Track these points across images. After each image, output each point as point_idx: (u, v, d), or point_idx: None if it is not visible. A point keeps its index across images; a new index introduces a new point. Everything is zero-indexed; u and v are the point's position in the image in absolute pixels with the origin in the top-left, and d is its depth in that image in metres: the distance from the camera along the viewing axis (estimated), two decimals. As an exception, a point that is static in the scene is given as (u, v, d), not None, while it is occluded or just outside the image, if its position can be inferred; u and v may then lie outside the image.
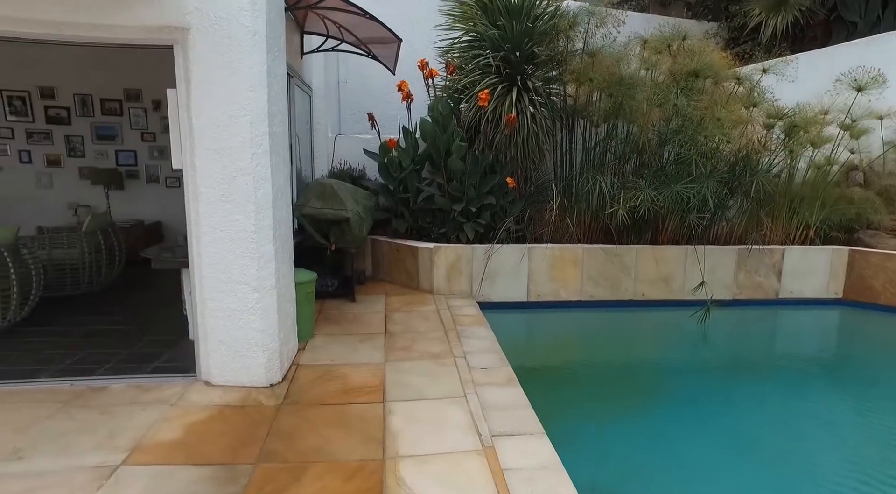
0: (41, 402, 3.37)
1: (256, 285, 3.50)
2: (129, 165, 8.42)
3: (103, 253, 6.11)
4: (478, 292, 6.12)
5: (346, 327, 4.91)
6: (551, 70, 6.66)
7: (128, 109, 8.32)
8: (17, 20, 3.17)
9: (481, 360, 4.19)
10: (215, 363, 3.59)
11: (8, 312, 4.80)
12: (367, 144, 6.97)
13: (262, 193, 3.45)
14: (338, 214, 5.22)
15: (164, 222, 8.53)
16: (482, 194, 6.28)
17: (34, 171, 8.28)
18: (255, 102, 3.36)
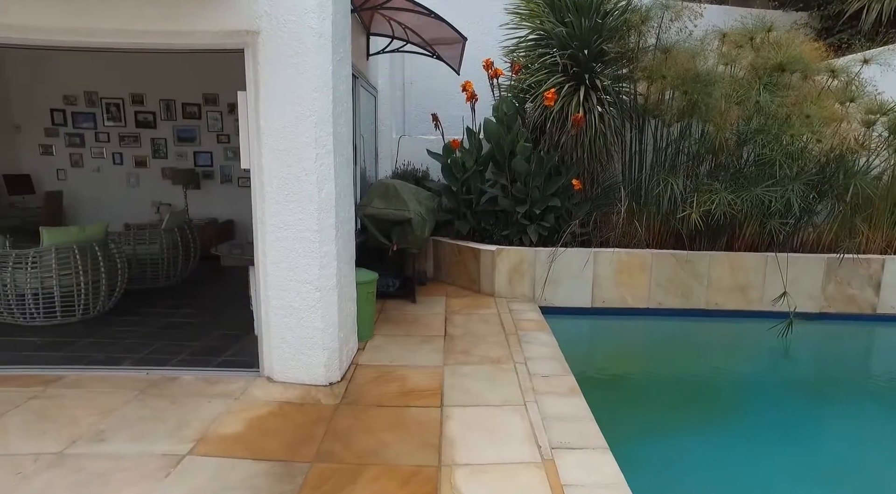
0: (121, 388, 3.56)
1: (318, 284, 3.54)
2: (206, 166, 8.86)
3: (180, 249, 6.44)
4: (540, 297, 5.96)
5: (405, 328, 4.91)
6: (621, 68, 6.40)
7: (206, 112, 8.75)
8: (116, 31, 3.36)
9: (543, 367, 4.06)
10: (277, 359, 3.66)
11: (98, 302, 5.15)
12: (431, 145, 6.96)
13: (326, 193, 3.49)
14: (400, 214, 5.23)
15: (235, 220, 8.90)
16: (546, 195, 6.11)
17: (124, 171, 8.88)
18: (320, 103, 3.40)
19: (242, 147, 3.56)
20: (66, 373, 3.79)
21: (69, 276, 4.90)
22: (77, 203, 8.89)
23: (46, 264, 4.81)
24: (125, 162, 8.86)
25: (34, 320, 4.86)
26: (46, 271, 4.80)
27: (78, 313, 5.00)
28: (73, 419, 3.15)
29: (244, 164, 3.58)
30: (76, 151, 8.82)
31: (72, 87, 8.64)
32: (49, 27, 3.36)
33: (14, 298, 4.79)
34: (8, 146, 8.61)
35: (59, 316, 4.91)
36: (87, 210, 8.92)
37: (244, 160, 3.57)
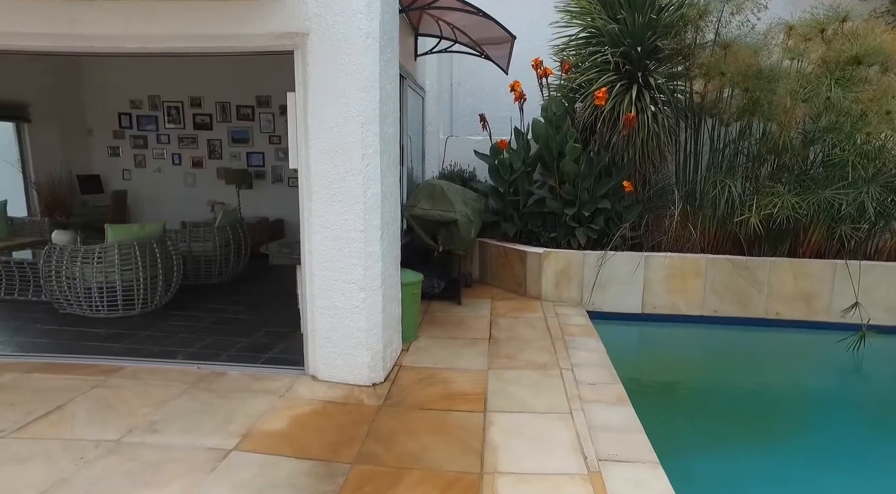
0: (173, 381, 3.67)
1: (363, 284, 3.54)
2: (258, 166, 9.10)
3: (231, 247, 6.63)
4: (588, 301, 5.80)
5: (450, 330, 4.87)
6: (676, 65, 6.15)
7: (259, 114, 9.00)
8: (171, 37, 3.48)
9: (590, 374, 3.93)
10: (322, 359, 3.69)
11: (155, 296, 5.36)
12: (478, 146, 6.91)
13: (372, 193, 3.49)
14: (446, 215, 5.20)
15: (285, 219, 9.10)
16: (596, 197, 5.94)
17: (182, 171, 9.25)
18: (367, 103, 3.40)
19: (291, 147, 3.61)
20: (126, 364, 3.95)
21: (130, 271, 5.12)
22: (139, 202, 9.32)
23: (110, 259, 5.04)
24: (183, 162, 9.23)
25: (99, 312, 5.11)
26: (110, 266, 5.04)
27: (137, 306, 5.21)
28: (129, 409, 3.27)
29: (292, 164, 3.63)
30: (139, 153, 9.26)
31: (137, 91, 9.07)
32: (110, 34, 3.51)
33: (83, 291, 5.04)
34: (82, 149, 9.12)
35: (120, 309, 5.14)
36: (148, 208, 9.35)
37: (292, 160, 3.62)
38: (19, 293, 5.73)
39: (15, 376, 3.78)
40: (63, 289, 5.06)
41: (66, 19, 3.53)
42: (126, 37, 3.53)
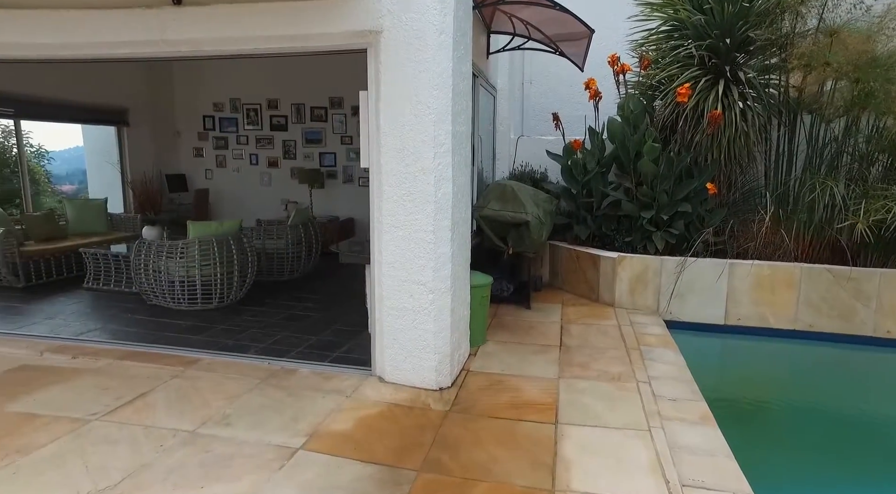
0: (245, 376, 3.75)
1: (432, 286, 3.47)
2: (330, 166, 9.31)
3: (303, 245, 6.78)
4: (665, 310, 5.46)
5: (519, 335, 4.72)
6: (770, 57, 5.67)
7: (331, 115, 9.20)
8: (249, 39, 3.56)
9: (669, 389, 3.66)
10: (389, 360, 3.65)
11: (231, 291, 5.55)
12: (550, 146, 6.70)
13: (443, 192, 3.41)
14: (517, 217, 5.05)
15: (355, 218, 9.25)
16: (676, 200, 5.59)
17: (258, 171, 9.62)
18: (439, 101, 3.32)
19: (363, 146, 3.60)
20: (202, 356, 4.09)
21: (208, 266, 5.33)
22: (219, 200, 9.78)
23: (191, 254, 5.27)
24: (260, 162, 9.59)
25: (180, 304, 5.36)
26: (191, 261, 5.27)
27: (214, 300, 5.42)
28: (204, 402, 3.36)
29: (364, 162, 3.61)
30: (220, 153, 9.72)
31: (220, 95, 9.52)
32: (194, 39, 3.64)
33: (167, 284, 5.31)
34: (171, 150, 9.70)
35: (199, 303, 5.36)
36: (228, 206, 9.79)
37: (364, 159, 3.60)
38: (115, 284, 6.12)
39: (109, 361, 4.01)
40: (150, 281, 5.35)
41: (158, 27, 3.69)
42: (208, 41, 3.64)
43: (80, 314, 5.30)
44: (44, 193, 10.45)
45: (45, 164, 10.94)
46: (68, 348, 4.28)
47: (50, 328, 4.82)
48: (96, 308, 5.50)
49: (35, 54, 4.05)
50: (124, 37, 3.75)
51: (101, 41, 3.81)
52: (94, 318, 5.19)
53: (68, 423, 3.10)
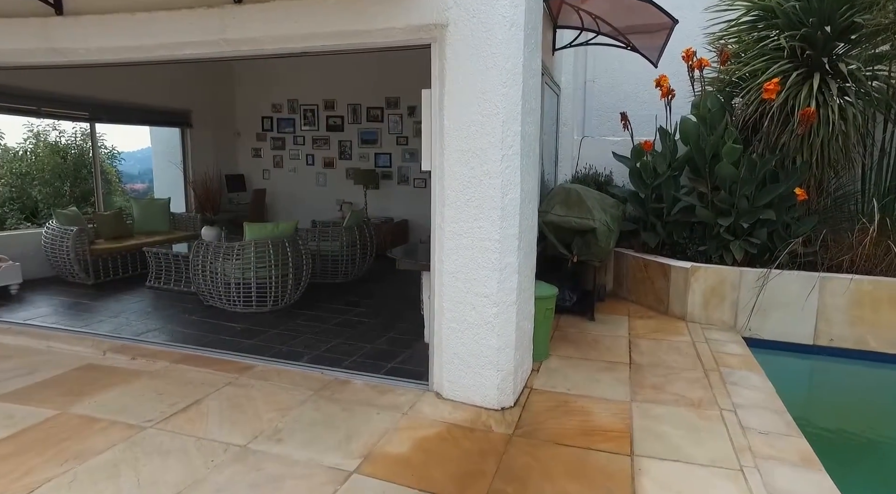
0: (298, 386, 3.63)
1: (496, 298, 3.22)
2: (385, 167, 9.21)
3: (358, 247, 6.68)
4: (744, 326, 5.00)
5: (584, 350, 4.40)
6: (877, 45, 5.09)
7: (387, 115, 9.10)
8: (308, 36, 3.43)
9: (758, 420, 3.27)
10: (448, 375, 3.43)
11: (285, 294, 5.49)
12: (617, 147, 6.32)
13: (510, 198, 3.16)
14: (583, 223, 4.73)
15: (410, 220, 9.12)
16: (758, 207, 5.12)
17: (314, 172, 9.65)
18: (508, 99, 3.07)
19: (424, 147, 3.39)
20: (256, 363, 4.00)
21: (264, 269, 5.28)
22: (276, 200, 9.88)
23: (247, 256, 5.23)
24: (316, 163, 9.62)
25: (236, 306, 5.33)
26: (246, 262, 5.23)
27: (269, 303, 5.37)
28: (256, 412, 3.25)
29: (425, 165, 3.40)
30: (278, 154, 9.81)
31: (278, 96, 9.61)
32: (253, 37, 3.54)
33: (223, 285, 5.30)
34: (231, 150, 9.88)
35: (254, 305, 5.33)
36: (284, 206, 9.88)
37: (426, 161, 3.39)
38: (174, 284, 6.21)
39: (166, 364, 3.99)
40: (207, 282, 5.35)
41: (218, 26, 3.63)
42: (267, 39, 3.54)
43: (141, 312, 5.37)
44: (115, 192, 10.87)
45: (117, 164, 11.40)
46: (128, 348, 4.30)
47: (113, 327, 4.89)
48: (156, 308, 5.56)
49: (115, 58, 4.08)
50: (188, 37, 3.71)
51: (168, 42, 3.79)
52: (154, 317, 5.24)
53: (124, 429, 3.05)
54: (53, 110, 7.01)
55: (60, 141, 10.24)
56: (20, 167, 10.01)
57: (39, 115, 6.90)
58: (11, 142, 10.37)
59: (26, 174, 9.95)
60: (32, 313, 5.33)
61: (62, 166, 9.88)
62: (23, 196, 9.96)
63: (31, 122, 9.99)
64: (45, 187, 9.88)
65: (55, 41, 4.08)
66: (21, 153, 10.10)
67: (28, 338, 4.56)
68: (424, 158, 3.41)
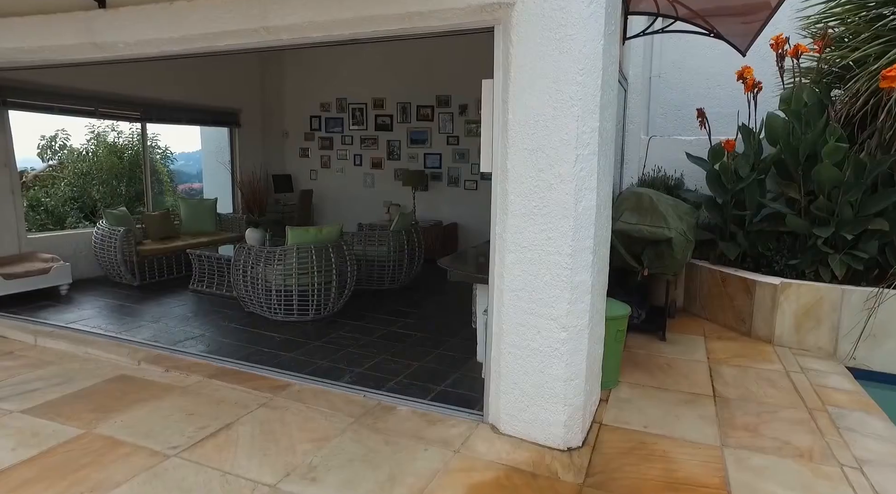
0: (337, 411, 3.27)
1: (565, 322, 2.76)
2: (434, 168, 8.84)
3: (405, 252, 6.32)
4: (848, 355, 4.31)
5: (657, 376, 3.87)
6: None
7: (437, 114, 8.72)
8: (356, 20, 3.07)
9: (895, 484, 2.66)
10: (506, 407, 2.99)
11: (328, 302, 5.18)
12: (690, 147, 5.70)
13: (585, 206, 2.69)
14: (657, 232, 4.19)
15: (459, 223, 8.71)
16: (866, 215, 4.43)
17: (362, 172, 9.38)
18: (586, 90, 2.61)
19: (484, 146, 2.97)
20: (293, 381, 3.68)
21: (306, 275, 4.98)
22: (323, 201, 9.68)
23: (289, 262, 4.95)
24: (363, 163, 9.35)
25: (276, 314, 5.06)
26: (288, 268, 4.95)
27: (311, 311, 5.07)
28: (290, 443, 2.90)
29: (485, 166, 2.98)
30: (325, 154, 9.60)
31: (327, 94, 9.40)
32: (296, 24, 3.21)
33: (263, 292, 5.03)
34: (278, 150, 9.75)
35: (295, 313, 5.04)
36: (330, 207, 9.66)
37: (485, 162, 2.97)
38: (217, 287, 6.02)
39: (199, 379, 3.73)
40: (247, 288, 5.11)
41: (259, 13, 3.32)
42: (311, 25, 3.20)
43: (181, 318, 5.17)
44: (167, 192, 10.98)
45: (171, 164, 11.54)
46: (163, 358, 4.07)
47: (152, 333, 4.70)
48: (197, 313, 5.36)
49: (156, 51, 3.87)
50: (227, 26, 3.42)
51: (207, 32, 3.52)
52: (194, 323, 5.02)
53: (148, 457, 2.76)
54: (108, 111, 7.00)
55: (118, 142, 10.42)
56: (82, 167, 10.24)
57: (96, 115, 6.91)
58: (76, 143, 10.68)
59: (86, 174, 10.17)
60: (77, 315, 5.23)
61: (118, 166, 10.03)
62: (83, 195, 10.19)
63: (93, 123, 10.22)
64: (103, 187, 10.07)
65: (97, 35, 3.90)
66: (83, 154, 10.34)
67: (68, 343, 4.41)
68: (484, 158, 2.98)
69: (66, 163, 10.71)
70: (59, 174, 10.50)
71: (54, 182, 10.17)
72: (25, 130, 10.43)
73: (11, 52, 4.39)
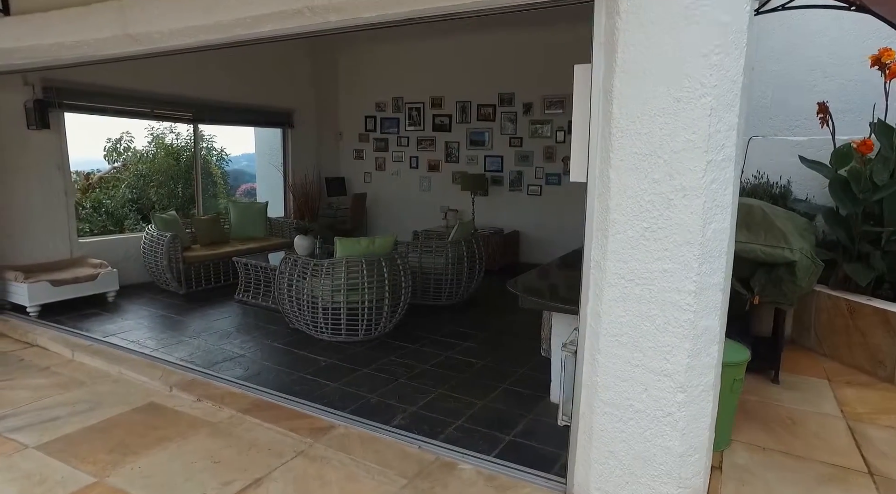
0: (387, 469, 2.71)
1: (683, 380, 2.10)
2: (495, 171, 8.23)
3: (465, 264, 5.74)
4: None
5: (780, 435, 3.10)
6: None
7: (500, 113, 8.11)
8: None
9: None
10: (597, 480, 2.35)
11: (380, 322, 4.67)
12: (801, 149, 4.84)
13: (715, 229, 2.02)
14: (776, 253, 3.42)
15: (522, 232, 8.08)
16: None
17: (418, 175, 8.88)
18: (723, 74, 1.94)
19: (576, 149, 2.34)
20: (337, 422, 3.16)
21: (355, 292, 4.49)
22: (376, 205, 9.26)
23: (338, 276, 4.47)
24: (420, 166, 8.85)
25: (322, 334, 4.60)
26: (337, 283, 4.47)
27: (360, 331, 4.58)
28: (329, 511, 2.38)
29: (576, 175, 2.35)
30: (380, 155, 9.17)
31: (383, 93, 8.97)
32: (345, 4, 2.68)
33: (308, 308, 4.58)
34: (332, 152, 9.41)
35: (343, 333, 4.55)
36: (384, 212, 9.22)
37: (577, 169, 2.34)
38: (262, 298, 5.65)
39: (231, 414, 3.28)
40: (292, 303, 4.67)
41: (305, -7, 2.83)
42: (363, 4, 2.66)
43: (222, 334, 4.80)
44: (220, 195, 10.89)
45: (226, 166, 11.46)
46: (197, 384, 3.66)
47: (190, 351, 4.34)
48: (239, 329, 4.98)
49: (192, 41, 3.46)
50: (266, 8, 2.95)
51: (244, 17, 3.06)
52: (235, 340, 4.63)
53: (161, 519, 2.31)
54: (163, 112, 6.80)
55: (176, 143, 10.40)
56: (141, 169, 10.28)
57: (150, 116, 6.72)
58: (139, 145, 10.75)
59: (145, 176, 10.20)
60: (119, 325, 4.97)
61: (175, 168, 9.98)
62: (142, 197, 10.22)
63: (152, 125, 10.24)
64: (160, 189, 10.06)
65: (131, 26, 3.53)
66: (143, 156, 10.38)
67: (103, 361, 4.09)
68: (575, 163, 2.35)
69: (129, 165, 10.81)
70: (122, 176, 10.60)
71: (115, 184, 10.25)
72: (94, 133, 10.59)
73: (54, 48, 4.12)
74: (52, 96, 5.63)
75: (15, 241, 5.53)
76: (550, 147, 7.75)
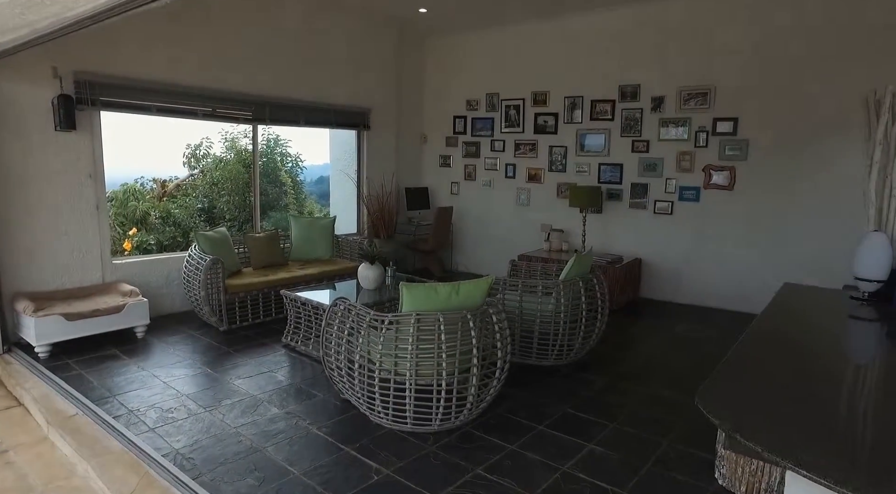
0: None
1: None
2: (612, 183, 6.52)
3: (581, 309, 4.13)
4: None
5: None
6: None
7: (619, 111, 6.40)
8: None
9: None
10: None
11: (463, 406, 3.17)
12: None
13: None
14: None
15: (645, 260, 6.30)
16: None
17: (515, 186, 7.36)
18: None
19: None
20: None
21: (430, 360, 3.03)
22: (463, 220, 7.83)
23: (402, 339, 3.03)
24: (517, 175, 7.32)
25: (380, 417, 3.18)
26: (402, 350, 3.03)
27: (436, 419, 3.10)
28: None
29: None
30: (470, 163, 7.75)
31: (475, 89, 7.56)
32: None
33: (363, 378, 3.17)
34: (414, 158, 8.13)
35: (409, 421, 3.10)
36: (473, 229, 7.77)
37: None
38: (313, 346, 4.38)
39: None
40: (341, 368, 3.29)
41: None
42: None
43: (249, 403, 3.52)
44: (290, 205, 9.97)
45: (301, 174, 10.58)
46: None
47: (196, 436, 3.08)
48: (277, 394, 3.68)
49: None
50: None
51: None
52: (261, 418, 3.32)
53: None
54: (215, 111, 5.78)
55: (247, 148, 9.62)
56: (213, 177, 9.61)
57: (201, 116, 5.72)
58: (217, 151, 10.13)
59: (216, 184, 9.50)
60: (130, 377, 3.88)
61: (244, 176, 9.17)
62: (212, 207, 9.53)
63: (225, 129, 9.54)
64: (230, 197, 9.29)
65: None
66: (217, 162, 9.71)
67: (76, 446, 2.93)
68: None
69: (205, 172, 10.23)
70: (197, 183, 10.00)
71: (187, 193, 9.63)
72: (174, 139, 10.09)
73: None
74: (85, 92, 4.73)
75: (37, 262, 4.65)
76: (687, 153, 5.95)
